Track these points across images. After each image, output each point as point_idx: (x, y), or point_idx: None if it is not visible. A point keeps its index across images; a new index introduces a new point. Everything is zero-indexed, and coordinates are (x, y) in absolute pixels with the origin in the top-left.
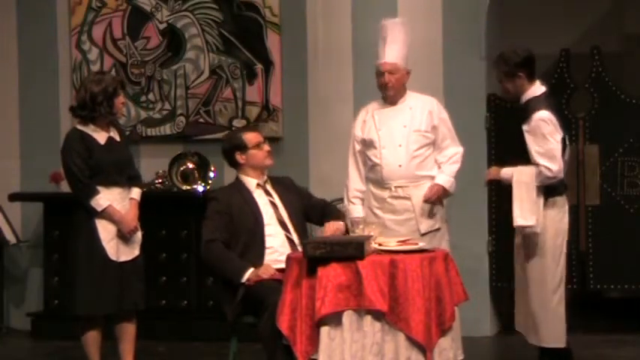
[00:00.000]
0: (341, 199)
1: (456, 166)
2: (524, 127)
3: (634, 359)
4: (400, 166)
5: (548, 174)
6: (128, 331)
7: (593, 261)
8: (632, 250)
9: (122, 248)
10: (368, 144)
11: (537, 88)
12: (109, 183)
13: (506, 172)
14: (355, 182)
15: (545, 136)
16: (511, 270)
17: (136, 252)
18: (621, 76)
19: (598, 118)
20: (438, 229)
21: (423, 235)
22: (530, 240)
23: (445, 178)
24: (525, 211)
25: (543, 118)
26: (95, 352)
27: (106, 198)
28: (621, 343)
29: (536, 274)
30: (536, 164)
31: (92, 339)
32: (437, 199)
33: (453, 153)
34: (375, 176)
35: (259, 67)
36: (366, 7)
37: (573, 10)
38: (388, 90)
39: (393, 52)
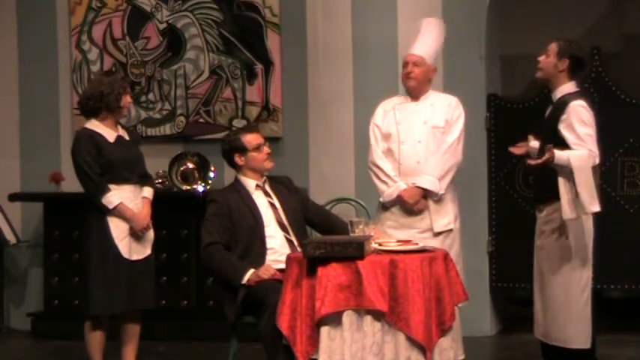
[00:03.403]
0: (340, 199)
1: (440, 157)
2: (562, 117)
3: (634, 359)
4: (419, 162)
5: (596, 158)
6: (134, 332)
7: (594, 261)
8: (633, 250)
9: (135, 247)
10: (384, 137)
11: (572, 87)
12: (120, 180)
13: (560, 156)
14: (385, 163)
15: (585, 123)
16: (511, 270)
17: (148, 251)
18: (621, 76)
19: (598, 118)
20: (451, 230)
21: (437, 234)
22: (560, 239)
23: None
24: (593, 197)
25: (582, 105)
26: (98, 354)
27: (117, 196)
28: (621, 343)
29: (564, 274)
30: (581, 147)
31: (97, 340)
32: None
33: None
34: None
35: (259, 67)
36: (366, 7)
37: (573, 10)
38: (410, 80)
39: (422, 45)
